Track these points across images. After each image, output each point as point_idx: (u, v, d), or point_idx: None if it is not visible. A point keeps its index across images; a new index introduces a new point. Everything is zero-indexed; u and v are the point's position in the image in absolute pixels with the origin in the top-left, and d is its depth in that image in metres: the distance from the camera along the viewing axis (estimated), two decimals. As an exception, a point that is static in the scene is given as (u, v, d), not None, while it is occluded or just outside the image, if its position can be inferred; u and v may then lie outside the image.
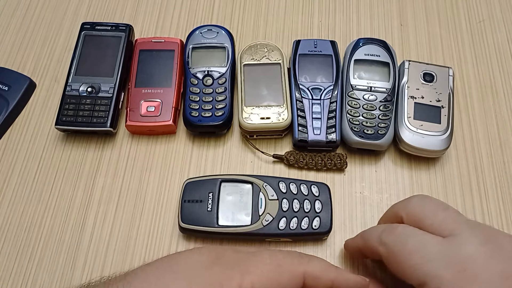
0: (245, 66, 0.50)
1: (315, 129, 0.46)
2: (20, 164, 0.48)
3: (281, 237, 0.42)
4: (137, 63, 0.50)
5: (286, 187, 0.43)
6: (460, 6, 0.58)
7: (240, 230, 0.41)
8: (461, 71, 0.54)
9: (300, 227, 0.41)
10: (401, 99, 0.48)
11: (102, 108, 0.47)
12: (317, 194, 0.43)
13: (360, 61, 0.50)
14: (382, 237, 0.32)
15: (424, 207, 0.33)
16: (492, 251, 0.29)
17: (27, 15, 0.58)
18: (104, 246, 0.43)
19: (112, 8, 0.58)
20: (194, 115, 0.47)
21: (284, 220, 0.41)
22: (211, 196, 0.42)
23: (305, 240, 0.43)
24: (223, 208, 0.42)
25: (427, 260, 0.29)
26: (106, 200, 0.46)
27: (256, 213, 0.42)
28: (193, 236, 0.43)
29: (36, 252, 0.43)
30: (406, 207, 0.34)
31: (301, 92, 0.48)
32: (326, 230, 0.42)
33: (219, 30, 0.52)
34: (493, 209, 0.45)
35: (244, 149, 0.49)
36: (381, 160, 0.48)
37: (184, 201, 0.42)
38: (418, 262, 0.29)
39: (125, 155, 0.48)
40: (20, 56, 0.55)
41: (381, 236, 0.33)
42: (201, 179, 0.44)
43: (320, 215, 0.42)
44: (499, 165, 0.48)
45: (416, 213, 0.33)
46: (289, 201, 0.42)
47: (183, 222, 0.41)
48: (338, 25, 0.57)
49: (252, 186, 0.43)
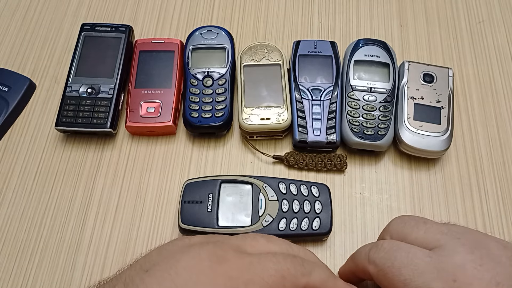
0: (245, 67, 0.50)
1: (315, 130, 0.46)
2: (20, 165, 0.48)
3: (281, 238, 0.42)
4: (137, 64, 0.50)
5: (286, 187, 0.43)
6: (460, 7, 0.58)
7: (240, 231, 0.41)
8: (461, 71, 0.54)
9: (300, 228, 0.41)
10: (401, 100, 0.48)
11: (102, 109, 0.47)
12: (317, 195, 0.43)
13: (360, 61, 0.50)
14: (370, 255, 0.32)
15: (405, 223, 0.33)
16: (480, 258, 0.29)
17: (27, 16, 0.58)
18: (104, 247, 0.43)
19: (112, 9, 0.58)
20: (194, 116, 0.47)
21: (284, 221, 0.41)
22: (211, 197, 0.42)
23: (305, 241, 0.43)
24: (223, 209, 0.42)
25: (418, 274, 0.29)
26: (106, 201, 0.46)
27: (256, 214, 0.42)
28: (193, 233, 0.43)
29: (36, 253, 0.43)
30: (389, 230, 0.34)
31: (301, 92, 0.48)
32: (326, 231, 0.42)
33: (219, 31, 0.52)
34: (493, 210, 0.45)
35: (244, 150, 0.49)
36: (381, 161, 0.48)
37: (184, 202, 0.42)
38: (409, 276, 0.29)
39: (125, 156, 0.48)
40: (20, 57, 0.55)
41: (369, 254, 0.32)
42: (201, 180, 0.44)
43: (320, 216, 0.42)
44: (499, 166, 0.48)
45: (399, 231, 0.33)
46: (289, 202, 0.42)
47: (183, 223, 0.41)
48: (338, 25, 0.57)
49: (252, 186, 0.43)
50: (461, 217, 0.45)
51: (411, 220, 0.33)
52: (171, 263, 0.29)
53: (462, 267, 0.28)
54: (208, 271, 0.29)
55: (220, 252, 0.30)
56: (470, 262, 0.28)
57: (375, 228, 0.44)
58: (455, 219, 0.45)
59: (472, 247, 0.29)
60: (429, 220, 0.33)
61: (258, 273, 0.29)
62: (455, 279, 0.28)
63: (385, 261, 0.31)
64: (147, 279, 0.28)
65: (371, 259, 0.32)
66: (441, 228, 0.32)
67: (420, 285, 0.28)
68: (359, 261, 0.34)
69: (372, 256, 0.32)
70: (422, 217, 0.34)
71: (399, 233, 0.33)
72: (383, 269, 0.31)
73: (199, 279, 0.28)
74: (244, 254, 0.31)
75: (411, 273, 0.29)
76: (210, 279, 0.28)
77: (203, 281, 0.28)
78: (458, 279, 0.28)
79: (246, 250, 0.32)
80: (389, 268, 0.30)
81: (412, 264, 0.29)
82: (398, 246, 0.31)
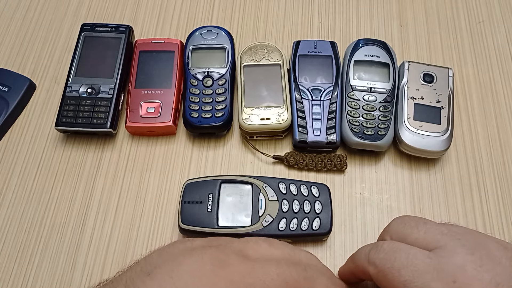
0: (245, 67, 0.50)
1: (315, 130, 0.46)
2: (20, 165, 0.48)
3: (281, 238, 0.42)
4: (137, 64, 0.50)
5: (286, 188, 0.43)
6: (460, 7, 0.58)
7: (240, 231, 0.41)
8: (461, 71, 0.54)
9: (300, 228, 0.41)
10: (401, 100, 0.48)
11: (102, 109, 0.47)
12: (317, 195, 0.43)
13: (360, 61, 0.50)
14: (370, 256, 0.32)
15: (405, 224, 0.33)
16: (480, 259, 0.29)
17: (27, 16, 0.58)
18: (104, 247, 0.43)
19: (112, 9, 0.58)
20: (194, 116, 0.47)
21: (284, 221, 0.41)
22: (211, 197, 0.42)
23: (305, 241, 0.43)
24: (223, 209, 0.42)
25: (418, 275, 0.29)
26: (106, 201, 0.46)
27: (256, 214, 0.42)
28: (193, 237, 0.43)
29: (36, 253, 0.43)
30: (389, 230, 0.34)
31: (301, 93, 0.48)
32: (326, 231, 0.42)
33: (219, 31, 0.52)
34: (493, 210, 0.45)
35: (244, 150, 0.49)
36: (381, 161, 0.48)
37: (184, 202, 0.42)
38: (409, 277, 0.29)
39: (125, 156, 0.48)
40: (20, 57, 0.55)
41: (369, 255, 0.32)
42: (201, 180, 0.44)
43: (320, 216, 0.42)
44: (499, 166, 0.48)
45: (399, 232, 0.33)
46: (289, 202, 0.42)
47: (183, 223, 0.41)
48: (338, 26, 0.57)
49: (252, 187, 0.43)
50: (461, 217, 0.45)
51: (411, 221, 0.33)
52: (173, 266, 0.29)
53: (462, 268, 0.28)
54: (210, 274, 0.29)
55: (222, 256, 0.30)
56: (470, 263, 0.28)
57: (375, 228, 0.44)
58: (455, 219, 0.45)
59: (472, 248, 0.29)
60: (429, 221, 0.33)
61: (260, 277, 0.29)
62: (455, 280, 0.28)
63: (385, 262, 0.31)
64: (149, 282, 0.28)
65: (371, 260, 0.32)
66: (441, 229, 0.31)
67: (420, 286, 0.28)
68: (359, 262, 0.34)
69: (372, 257, 0.32)
70: (422, 218, 0.34)
71: (399, 234, 0.33)
72: (383, 270, 0.30)
73: (200, 283, 0.28)
74: (246, 258, 0.31)
75: (411, 274, 0.29)
76: (212, 283, 0.28)
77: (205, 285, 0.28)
78: (458, 280, 0.28)
79: (248, 254, 0.32)
80: (389, 269, 0.30)
81: (412, 265, 0.29)
82: (398, 247, 0.31)
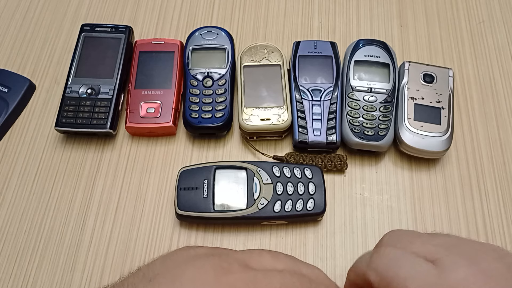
0: (245, 67, 0.50)
1: (315, 130, 0.46)
2: (20, 166, 0.48)
3: (276, 220, 0.43)
4: (137, 65, 0.50)
5: (279, 171, 0.44)
6: (460, 7, 0.58)
7: (236, 215, 0.42)
8: (461, 72, 0.54)
9: (295, 209, 0.42)
10: (401, 100, 0.48)
11: (102, 109, 0.47)
12: (310, 176, 0.44)
13: (360, 62, 0.50)
14: (372, 262, 0.31)
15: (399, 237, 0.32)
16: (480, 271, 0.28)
17: (27, 16, 0.58)
18: (104, 248, 0.43)
19: (112, 10, 0.58)
20: (194, 116, 0.47)
21: (279, 203, 0.42)
22: (206, 183, 0.43)
23: (300, 221, 0.44)
24: (218, 194, 0.43)
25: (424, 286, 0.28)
26: (106, 202, 0.46)
27: (251, 197, 0.42)
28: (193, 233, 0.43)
29: (36, 253, 0.43)
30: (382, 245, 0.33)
31: (301, 93, 0.48)
32: (321, 211, 0.42)
33: (219, 31, 0.52)
34: (493, 210, 0.45)
35: (244, 151, 0.49)
36: (381, 161, 0.48)
37: (180, 188, 0.43)
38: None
39: (125, 156, 0.48)
40: (20, 58, 0.55)
41: (371, 262, 0.31)
42: (196, 167, 0.44)
43: (314, 196, 0.43)
44: (500, 166, 0.48)
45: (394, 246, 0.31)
46: (283, 184, 0.43)
47: (179, 209, 0.42)
48: (338, 26, 0.57)
49: (247, 171, 0.44)
50: (461, 217, 0.45)
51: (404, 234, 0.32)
52: (176, 273, 0.29)
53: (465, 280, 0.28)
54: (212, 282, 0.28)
55: (225, 265, 0.30)
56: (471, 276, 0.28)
57: (375, 228, 0.44)
58: (455, 219, 0.45)
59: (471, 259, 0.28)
60: (422, 233, 0.32)
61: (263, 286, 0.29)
62: None
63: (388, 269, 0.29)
64: None
65: (373, 266, 0.30)
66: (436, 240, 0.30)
67: None
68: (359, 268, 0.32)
69: (374, 263, 0.30)
70: (414, 231, 0.33)
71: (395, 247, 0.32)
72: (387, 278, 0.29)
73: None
74: (249, 268, 0.31)
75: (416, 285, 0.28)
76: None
77: None
78: None
79: (251, 265, 0.31)
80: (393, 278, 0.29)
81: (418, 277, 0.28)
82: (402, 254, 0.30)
